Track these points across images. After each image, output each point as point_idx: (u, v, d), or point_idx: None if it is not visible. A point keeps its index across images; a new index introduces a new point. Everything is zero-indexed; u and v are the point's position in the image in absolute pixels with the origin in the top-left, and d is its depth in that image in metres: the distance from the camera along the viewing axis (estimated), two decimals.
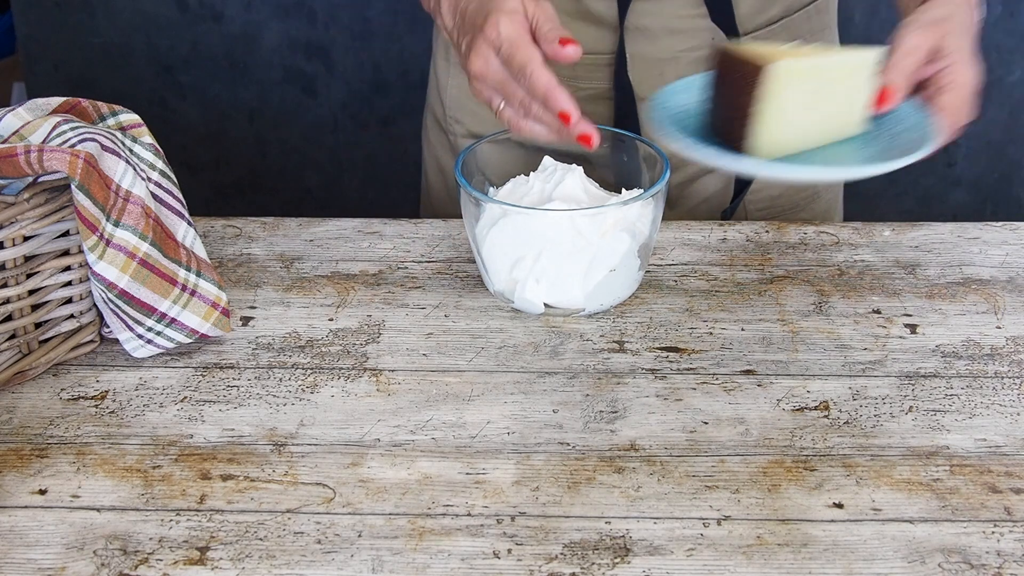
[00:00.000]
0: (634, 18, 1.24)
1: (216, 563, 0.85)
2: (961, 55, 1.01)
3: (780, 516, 0.88)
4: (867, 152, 1.00)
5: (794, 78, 0.95)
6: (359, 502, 0.90)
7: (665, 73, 1.27)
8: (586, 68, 1.28)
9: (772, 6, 1.28)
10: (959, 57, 1.00)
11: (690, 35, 1.26)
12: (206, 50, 2.38)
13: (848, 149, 1.00)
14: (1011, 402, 1.00)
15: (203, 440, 0.97)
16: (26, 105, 1.05)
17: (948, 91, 1.00)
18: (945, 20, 1.03)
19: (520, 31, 0.99)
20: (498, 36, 0.99)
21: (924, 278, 1.17)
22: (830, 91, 0.98)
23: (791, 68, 0.94)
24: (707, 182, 1.35)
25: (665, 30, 1.25)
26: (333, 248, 1.23)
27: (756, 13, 1.27)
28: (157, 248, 1.02)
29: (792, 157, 0.99)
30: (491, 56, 1.00)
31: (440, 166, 1.41)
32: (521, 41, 0.99)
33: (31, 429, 0.98)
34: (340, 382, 1.03)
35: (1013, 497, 0.90)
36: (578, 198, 1.11)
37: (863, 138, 1.02)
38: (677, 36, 1.26)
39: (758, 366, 1.04)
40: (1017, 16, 2.28)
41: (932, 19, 1.03)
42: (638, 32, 1.25)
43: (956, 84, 1.00)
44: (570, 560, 0.84)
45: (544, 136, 1.02)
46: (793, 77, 0.95)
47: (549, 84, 0.98)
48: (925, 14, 1.03)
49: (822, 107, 0.98)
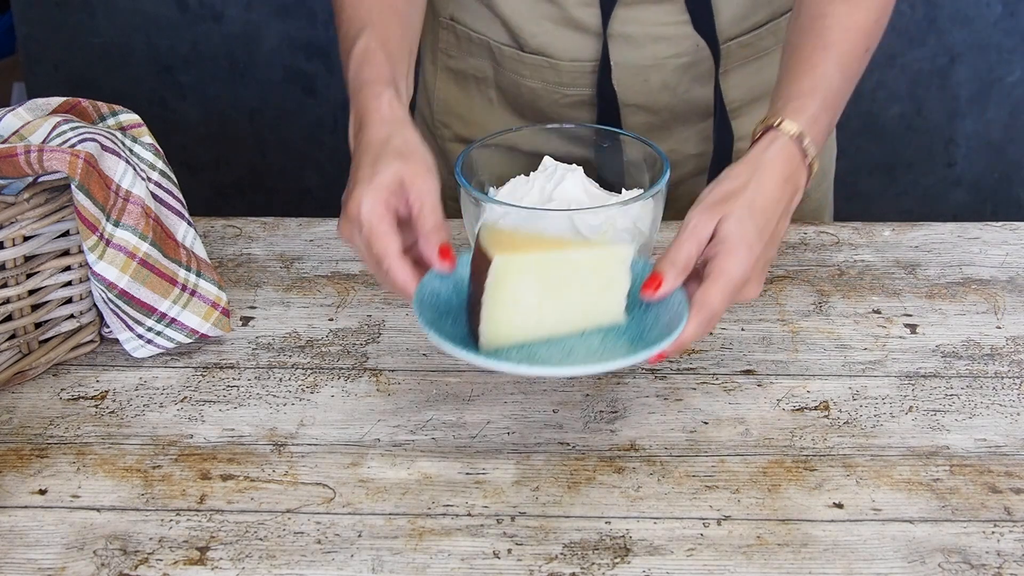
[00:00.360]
0: (617, 25, 1.24)
1: (216, 563, 0.85)
2: (735, 242, 0.93)
3: (780, 516, 0.88)
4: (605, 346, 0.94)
5: (522, 271, 0.90)
6: (359, 502, 0.90)
7: (649, 79, 1.27)
8: (570, 75, 1.28)
9: (756, 12, 1.28)
10: (732, 245, 0.93)
11: (674, 42, 1.25)
12: (206, 50, 2.38)
13: (592, 341, 0.95)
14: (1011, 402, 1.00)
15: (203, 440, 0.97)
16: (26, 105, 1.05)
17: (708, 281, 0.92)
18: (733, 196, 0.95)
19: (380, 215, 0.94)
20: (358, 216, 0.94)
21: (924, 278, 1.17)
22: (573, 282, 0.93)
23: (518, 262, 0.89)
24: (694, 184, 1.35)
25: (648, 37, 1.25)
26: (333, 248, 1.23)
27: (740, 19, 1.27)
28: (157, 248, 1.02)
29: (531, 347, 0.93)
30: (353, 232, 0.96)
31: None
32: (379, 230, 0.94)
33: (31, 429, 0.98)
34: (340, 382, 1.03)
35: (1013, 497, 0.90)
36: (578, 198, 1.11)
37: (618, 328, 0.96)
38: (661, 43, 1.25)
39: (758, 366, 1.04)
40: (1017, 16, 2.28)
41: (721, 195, 0.96)
42: (622, 39, 1.25)
43: (718, 274, 0.92)
44: (570, 560, 0.84)
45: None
46: (520, 270, 0.90)
47: (404, 283, 0.93)
48: (719, 186, 0.97)
49: (563, 298, 0.93)
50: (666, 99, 1.28)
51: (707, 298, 0.92)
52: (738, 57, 1.29)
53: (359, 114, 1.02)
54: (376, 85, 1.02)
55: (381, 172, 0.95)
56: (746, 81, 1.30)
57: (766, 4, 1.28)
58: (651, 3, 1.23)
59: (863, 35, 1.06)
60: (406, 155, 0.97)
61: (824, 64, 1.03)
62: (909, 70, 2.32)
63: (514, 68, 1.30)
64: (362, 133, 1.00)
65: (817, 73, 1.03)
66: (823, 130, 1.02)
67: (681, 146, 1.29)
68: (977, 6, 2.26)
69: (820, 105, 1.01)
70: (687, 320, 0.91)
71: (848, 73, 1.05)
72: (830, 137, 1.42)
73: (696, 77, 1.28)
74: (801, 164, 1.00)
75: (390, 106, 1.01)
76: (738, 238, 0.93)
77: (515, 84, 1.31)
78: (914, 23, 2.27)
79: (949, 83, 2.33)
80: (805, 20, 1.08)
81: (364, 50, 1.05)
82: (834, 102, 1.03)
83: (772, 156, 0.98)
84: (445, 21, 1.32)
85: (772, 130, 1.00)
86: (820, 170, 1.39)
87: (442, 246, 0.94)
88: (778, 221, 0.97)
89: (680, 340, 0.91)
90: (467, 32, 1.31)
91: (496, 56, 1.30)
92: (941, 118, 2.37)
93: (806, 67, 1.04)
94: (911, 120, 2.37)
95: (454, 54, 1.33)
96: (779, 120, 1.00)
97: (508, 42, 1.29)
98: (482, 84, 1.33)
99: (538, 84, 1.29)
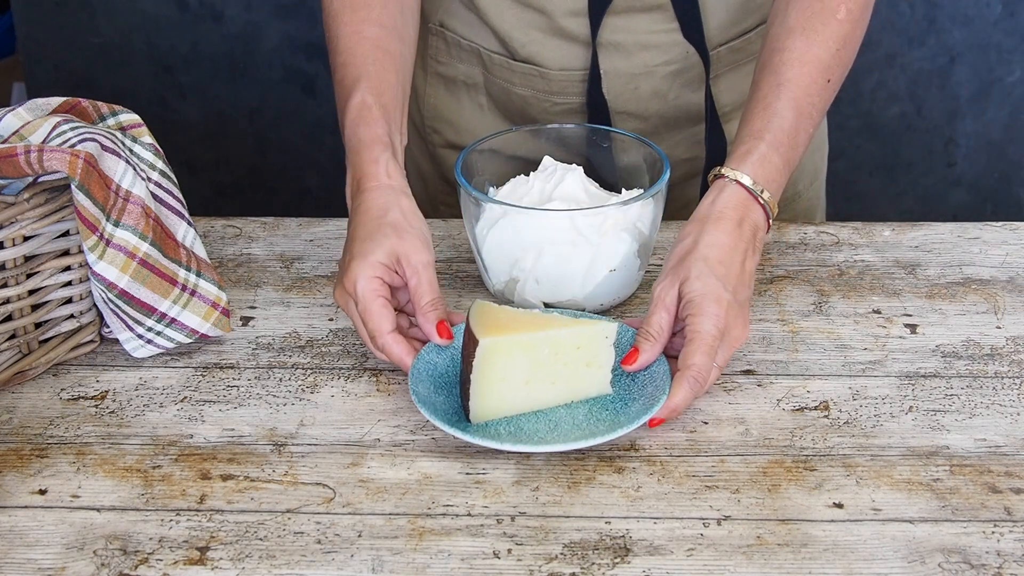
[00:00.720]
0: (606, 34, 1.24)
1: (216, 563, 0.85)
2: (699, 301, 0.97)
3: (780, 516, 0.88)
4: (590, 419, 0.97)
5: (508, 352, 0.94)
6: (359, 502, 0.90)
7: (639, 87, 1.27)
8: (560, 84, 1.28)
9: (745, 18, 1.28)
10: (698, 304, 0.97)
11: (663, 49, 1.25)
12: (206, 50, 2.38)
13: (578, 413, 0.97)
14: (1011, 402, 1.00)
15: (203, 440, 0.97)
16: (26, 105, 1.05)
17: (687, 344, 0.97)
18: (687, 257, 1.00)
19: (374, 293, 1.00)
20: (354, 291, 1.00)
21: (924, 278, 1.17)
22: (559, 359, 0.96)
23: (504, 344, 0.93)
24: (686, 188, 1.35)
25: (638, 45, 1.25)
26: (333, 248, 1.23)
27: (729, 25, 1.27)
28: (157, 248, 1.02)
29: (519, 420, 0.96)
30: (348, 301, 1.01)
31: (420, 172, 1.41)
32: (371, 308, 0.99)
33: (31, 429, 0.98)
34: (340, 382, 1.03)
35: (1013, 497, 0.90)
36: (578, 198, 1.11)
37: (605, 399, 0.99)
38: (651, 51, 1.25)
39: (758, 366, 1.04)
40: (1017, 16, 2.28)
41: (676, 259, 1.01)
42: (611, 48, 1.24)
43: (693, 335, 0.96)
44: (570, 560, 0.84)
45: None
46: (507, 351, 0.94)
47: (400, 357, 0.99)
48: (673, 250, 1.02)
49: (550, 374, 0.96)
50: (656, 106, 1.28)
51: (689, 360, 0.96)
52: (727, 62, 1.29)
53: (356, 176, 1.06)
54: (374, 148, 1.06)
55: (375, 250, 1.01)
56: (736, 85, 1.30)
57: (754, 10, 1.28)
58: (640, 11, 1.23)
59: (821, 68, 1.09)
60: (401, 230, 1.02)
61: (777, 102, 1.07)
62: (909, 70, 2.32)
63: (504, 76, 1.29)
64: (360, 197, 1.05)
65: (768, 113, 1.07)
66: (777, 168, 1.05)
67: (672, 151, 1.29)
68: (977, 6, 2.26)
69: (769, 144, 1.05)
70: (674, 384, 0.96)
71: (804, 108, 1.08)
72: (820, 137, 1.42)
73: (686, 83, 1.28)
74: (753, 204, 1.04)
75: (388, 173, 1.06)
76: (701, 296, 0.98)
77: (505, 91, 1.30)
78: (914, 23, 2.27)
79: (949, 83, 2.33)
80: (765, 54, 1.12)
81: (360, 105, 1.09)
82: (787, 139, 1.06)
83: (720, 206, 1.03)
84: (435, 27, 1.32)
85: (719, 179, 1.05)
86: (812, 170, 1.40)
87: (440, 323, 1.00)
88: (742, 264, 1.01)
89: (672, 404, 0.95)
90: (456, 39, 1.31)
91: (486, 63, 1.30)
92: (941, 118, 2.37)
93: (760, 107, 1.08)
94: (911, 120, 2.37)
95: (444, 60, 1.33)
96: (726, 168, 1.05)
97: (498, 50, 1.29)
98: (472, 90, 1.33)
99: (528, 92, 1.29)
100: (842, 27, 1.10)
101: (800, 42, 1.09)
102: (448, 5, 1.30)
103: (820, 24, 1.09)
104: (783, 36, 1.10)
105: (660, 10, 1.23)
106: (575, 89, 1.27)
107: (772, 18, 1.13)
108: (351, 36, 1.13)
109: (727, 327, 0.97)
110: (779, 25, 1.11)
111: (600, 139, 1.20)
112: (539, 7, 1.23)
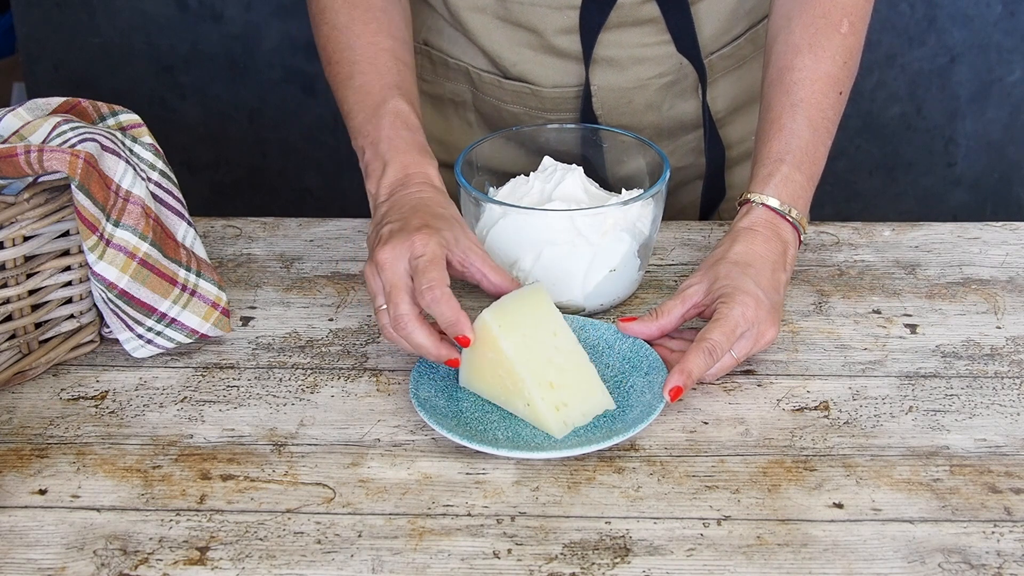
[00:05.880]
0: (600, 49, 1.23)
1: (216, 563, 0.85)
2: (731, 293, 0.99)
3: (780, 516, 0.88)
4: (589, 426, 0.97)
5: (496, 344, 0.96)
6: (359, 502, 0.90)
7: (633, 101, 1.27)
8: (553, 101, 1.27)
9: (737, 24, 1.27)
10: (728, 296, 0.99)
11: (656, 62, 1.25)
12: (206, 50, 2.37)
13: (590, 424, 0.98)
14: (1011, 402, 1.00)
15: (203, 440, 0.97)
16: (26, 105, 1.05)
17: (710, 323, 0.99)
18: (719, 261, 1.03)
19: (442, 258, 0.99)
20: (423, 248, 0.99)
21: (924, 278, 1.17)
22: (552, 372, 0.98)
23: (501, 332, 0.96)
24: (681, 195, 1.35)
25: (631, 59, 1.24)
26: (333, 248, 1.23)
27: (721, 34, 1.27)
28: (157, 248, 1.02)
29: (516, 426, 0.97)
30: (402, 258, 0.99)
31: None
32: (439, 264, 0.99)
33: (31, 429, 0.98)
34: (340, 382, 1.03)
35: (1013, 497, 0.90)
36: (578, 198, 1.11)
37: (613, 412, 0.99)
38: (644, 64, 1.25)
39: (758, 366, 1.04)
40: (1017, 16, 2.28)
41: (708, 264, 1.04)
42: (604, 63, 1.24)
43: (718, 316, 0.98)
44: (570, 560, 0.84)
45: (405, 350, 1.01)
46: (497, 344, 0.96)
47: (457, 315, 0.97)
48: (707, 258, 1.06)
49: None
50: (651, 118, 1.28)
51: (707, 334, 0.98)
52: (719, 69, 1.29)
53: (405, 172, 1.07)
54: (425, 154, 1.09)
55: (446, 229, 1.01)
56: (729, 91, 1.30)
57: (745, 15, 1.28)
58: (632, 25, 1.22)
59: (832, 83, 1.11)
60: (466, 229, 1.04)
61: (793, 123, 1.10)
62: (909, 70, 2.32)
63: (494, 94, 1.29)
64: (412, 187, 1.06)
65: (785, 133, 1.09)
66: (801, 185, 1.09)
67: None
68: (977, 6, 2.26)
69: (791, 165, 1.08)
70: (689, 351, 0.97)
71: (820, 124, 1.10)
72: None
73: (679, 94, 1.28)
74: (782, 222, 1.07)
75: (440, 180, 1.08)
76: (733, 288, 1.00)
77: (495, 108, 1.30)
78: (914, 23, 2.27)
79: (949, 83, 2.33)
80: (774, 73, 1.13)
81: (397, 111, 1.11)
82: (807, 157, 1.09)
83: (748, 223, 1.07)
84: (419, 46, 1.30)
85: (746, 204, 1.08)
86: None
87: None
88: (772, 272, 1.04)
89: (684, 367, 0.96)
90: (443, 57, 1.30)
91: (475, 81, 1.29)
92: (941, 118, 2.37)
93: (775, 128, 1.10)
94: (911, 120, 2.37)
95: (429, 79, 1.32)
96: (752, 192, 1.08)
97: (488, 68, 1.28)
98: (460, 108, 1.32)
99: (520, 109, 1.28)
100: (846, 40, 1.12)
101: (808, 60, 1.11)
102: (432, 23, 1.29)
103: (825, 40, 1.11)
104: (790, 54, 1.11)
105: (652, 23, 1.23)
106: (568, 105, 1.27)
107: (774, 34, 1.13)
108: (368, 47, 1.14)
109: (756, 321, 0.99)
110: (784, 43, 1.12)
111: (600, 140, 1.20)
112: (529, 26, 1.23)
